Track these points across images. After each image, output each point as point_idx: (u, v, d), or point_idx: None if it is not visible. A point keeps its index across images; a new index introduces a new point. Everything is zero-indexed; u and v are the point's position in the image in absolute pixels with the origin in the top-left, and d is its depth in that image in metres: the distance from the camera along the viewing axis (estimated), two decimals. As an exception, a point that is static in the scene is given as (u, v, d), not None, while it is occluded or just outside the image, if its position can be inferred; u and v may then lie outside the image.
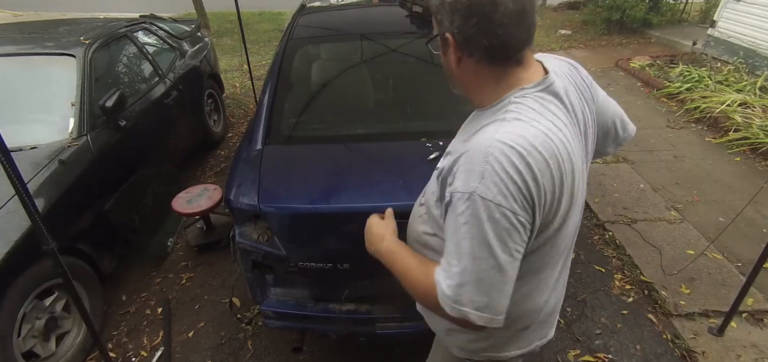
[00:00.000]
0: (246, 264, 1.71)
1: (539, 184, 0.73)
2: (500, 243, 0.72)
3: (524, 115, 0.77)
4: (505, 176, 0.71)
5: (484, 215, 0.71)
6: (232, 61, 6.79)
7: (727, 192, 3.33)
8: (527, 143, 0.72)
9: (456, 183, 0.76)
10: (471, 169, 0.73)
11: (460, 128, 0.98)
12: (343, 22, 2.59)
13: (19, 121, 2.45)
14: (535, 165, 0.72)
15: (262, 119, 1.92)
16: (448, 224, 0.77)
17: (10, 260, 1.83)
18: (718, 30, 5.80)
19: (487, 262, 0.72)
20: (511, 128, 0.74)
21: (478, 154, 0.73)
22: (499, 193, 0.71)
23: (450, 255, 0.76)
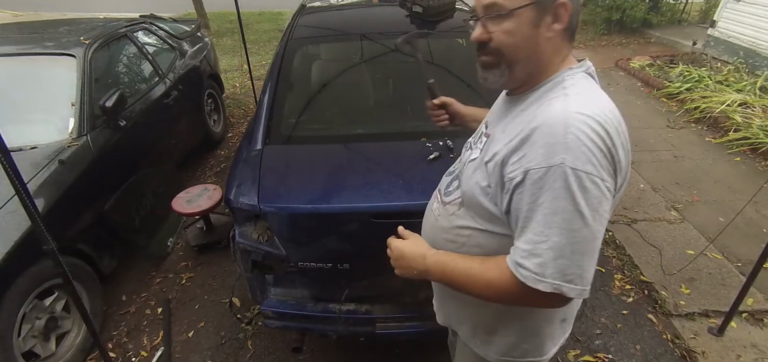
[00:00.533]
0: (246, 264, 1.71)
1: (618, 150, 0.74)
2: (592, 211, 0.72)
3: (584, 90, 0.79)
4: (591, 144, 0.71)
5: (575, 185, 0.70)
6: (232, 61, 6.79)
7: (727, 192, 3.33)
8: (602, 112, 0.73)
9: (531, 159, 0.74)
10: (552, 142, 0.72)
11: (490, 115, 0.99)
12: (343, 22, 2.59)
13: (19, 121, 2.45)
14: (613, 132, 0.73)
15: (262, 119, 1.92)
16: (524, 203, 0.75)
17: (10, 260, 1.83)
18: (718, 30, 5.80)
19: (581, 233, 0.72)
20: (582, 100, 0.75)
21: (557, 126, 0.72)
22: (588, 162, 0.70)
23: (533, 232, 0.74)
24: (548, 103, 0.78)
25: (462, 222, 0.94)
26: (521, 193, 0.75)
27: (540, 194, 0.72)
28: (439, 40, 2.54)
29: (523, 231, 0.77)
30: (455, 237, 0.96)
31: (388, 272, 1.03)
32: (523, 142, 0.76)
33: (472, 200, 0.89)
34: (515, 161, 0.77)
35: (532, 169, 0.73)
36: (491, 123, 0.95)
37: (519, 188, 0.75)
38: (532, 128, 0.76)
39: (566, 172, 0.70)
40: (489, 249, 0.89)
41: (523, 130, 0.77)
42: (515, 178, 0.76)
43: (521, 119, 0.81)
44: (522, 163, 0.75)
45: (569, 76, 0.81)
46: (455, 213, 0.96)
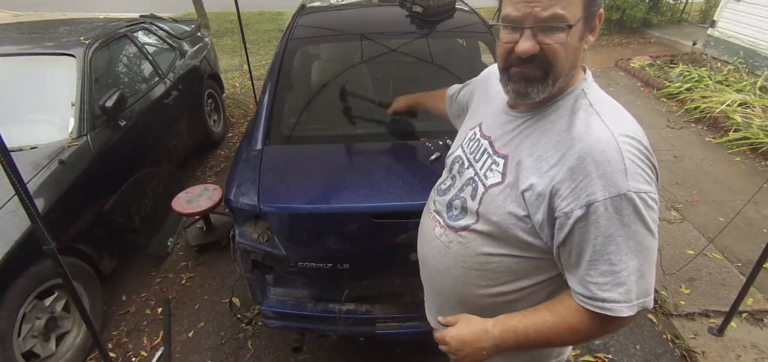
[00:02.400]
0: (246, 264, 1.71)
1: (656, 164, 0.77)
2: (655, 224, 0.75)
3: (607, 105, 0.81)
4: (644, 164, 0.73)
5: (641, 207, 0.72)
6: (232, 61, 6.79)
7: (727, 192, 3.33)
8: (638, 129, 0.77)
9: (591, 192, 0.73)
10: (612, 170, 0.72)
11: (490, 127, 0.94)
12: (343, 22, 2.59)
13: (19, 121, 2.45)
14: (650, 149, 0.76)
15: (262, 119, 1.92)
16: (590, 236, 0.74)
17: (10, 260, 1.83)
18: (718, 30, 5.80)
19: (652, 248, 0.75)
20: (616, 119, 0.77)
21: (612, 153, 0.72)
22: (646, 182, 0.73)
23: (609, 263, 0.74)
24: (584, 123, 0.77)
25: (489, 250, 0.88)
26: (585, 227, 0.74)
27: (610, 225, 0.72)
28: (439, 40, 2.54)
29: (593, 264, 0.75)
30: (481, 266, 0.90)
31: (388, 272, 1.03)
32: (573, 172, 0.74)
33: (505, 231, 0.84)
34: (568, 194, 0.75)
35: (596, 201, 0.72)
36: (499, 139, 0.89)
37: (581, 222, 0.74)
38: (578, 155, 0.74)
39: (633, 199, 0.71)
40: (522, 273, 0.88)
41: (565, 156, 0.76)
42: (574, 212, 0.74)
43: (553, 140, 0.79)
44: (579, 196, 0.74)
45: (586, 86, 0.83)
46: (476, 240, 0.89)
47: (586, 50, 0.81)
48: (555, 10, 0.73)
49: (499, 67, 0.86)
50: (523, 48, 0.76)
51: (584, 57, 0.83)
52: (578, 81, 0.83)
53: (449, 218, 0.94)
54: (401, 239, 1.58)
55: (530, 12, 0.74)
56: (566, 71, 0.79)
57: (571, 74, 0.81)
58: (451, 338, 0.91)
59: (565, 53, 0.76)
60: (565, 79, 0.80)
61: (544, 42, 0.75)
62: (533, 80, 0.79)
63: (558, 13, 0.73)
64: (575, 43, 0.77)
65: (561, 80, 0.79)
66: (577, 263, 0.78)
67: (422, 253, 1.07)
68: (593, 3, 0.76)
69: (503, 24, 0.79)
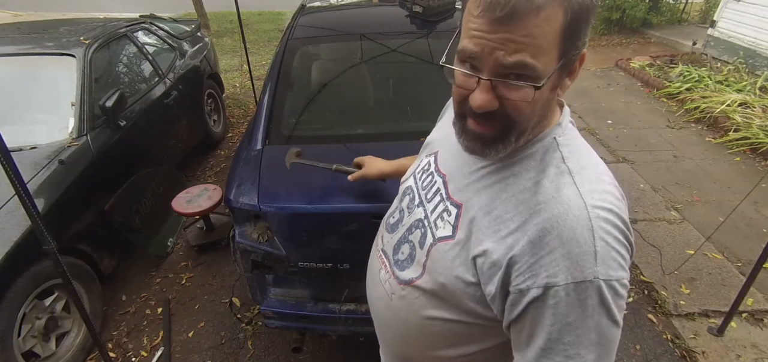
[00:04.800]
0: (246, 264, 1.71)
1: (632, 235, 0.65)
2: (621, 313, 0.64)
3: (582, 159, 0.67)
4: (619, 245, 0.62)
5: (609, 296, 0.60)
6: (232, 61, 6.79)
7: (727, 192, 3.33)
8: (616, 199, 0.64)
9: (552, 273, 0.61)
10: (578, 252, 0.60)
11: (445, 162, 0.81)
12: (343, 22, 2.59)
13: (19, 121, 2.45)
14: (627, 218, 0.64)
15: (262, 119, 1.92)
16: (546, 321, 0.62)
17: (10, 260, 1.83)
18: (718, 30, 5.80)
19: (614, 338, 0.63)
20: (590, 184, 0.64)
21: (580, 231, 0.60)
22: (619, 267, 0.61)
23: (563, 354, 0.62)
24: (553, 186, 0.64)
25: (432, 313, 0.77)
26: (541, 310, 0.62)
27: (570, 313, 0.61)
28: (436, 41, 2.53)
29: (547, 353, 0.63)
30: (423, 328, 0.80)
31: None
32: (534, 246, 0.62)
33: (452, 296, 0.73)
34: (526, 269, 0.63)
35: (556, 285, 0.60)
36: (453, 181, 0.77)
37: (537, 303, 0.62)
38: (542, 228, 0.62)
39: (600, 287, 0.60)
40: (469, 338, 0.77)
41: (527, 222, 0.64)
42: (530, 292, 0.62)
43: (514, 199, 0.67)
44: (538, 274, 0.62)
45: (559, 133, 0.69)
46: (420, 299, 0.78)
47: (561, 96, 0.69)
48: (522, 57, 0.57)
49: (454, 111, 0.70)
50: (478, 102, 0.61)
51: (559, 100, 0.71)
52: (551, 126, 0.69)
53: (395, 264, 0.84)
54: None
55: (491, 53, 0.58)
56: (534, 125, 0.67)
57: (542, 125, 0.70)
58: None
59: (531, 109, 0.63)
60: (532, 132, 0.68)
61: (505, 96, 0.61)
62: (490, 141, 0.66)
63: (526, 62, 0.57)
64: (547, 95, 0.63)
65: (527, 135, 0.67)
66: (528, 346, 0.65)
67: (368, 292, 0.98)
68: (573, 46, 0.60)
69: (459, 59, 0.63)
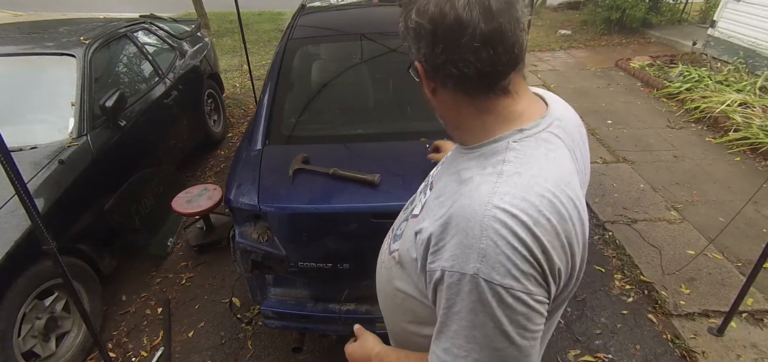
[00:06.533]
0: (246, 264, 1.71)
1: (551, 259, 0.60)
2: (519, 329, 0.60)
3: (526, 167, 0.64)
4: (512, 252, 0.58)
5: (493, 302, 0.59)
6: (232, 61, 6.80)
7: (727, 192, 3.33)
8: (532, 208, 0.59)
9: (445, 258, 0.62)
10: (465, 244, 0.60)
11: (439, 169, 0.85)
12: (343, 23, 2.59)
13: (19, 121, 2.45)
14: (544, 237, 0.59)
15: (262, 119, 1.93)
16: (441, 305, 0.64)
17: (10, 260, 1.83)
18: (718, 30, 5.80)
19: (506, 352, 0.61)
20: (511, 188, 0.61)
21: (472, 224, 0.60)
22: (508, 274, 0.58)
23: (452, 342, 0.64)
24: (479, 181, 0.64)
25: (398, 284, 0.82)
26: (440, 291, 0.64)
27: (455, 301, 0.61)
28: None
29: (440, 334, 0.65)
30: (393, 297, 0.86)
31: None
32: (443, 230, 0.64)
33: (406, 266, 0.78)
34: (435, 251, 0.65)
35: (446, 270, 0.62)
36: (438, 174, 0.83)
37: (439, 286, 0.64)
38: (451, 213, 0.64)
39: (480, 285, 0.58)
40: (421, 317, 0.79)
41: (448, 210, 0.65)
42: (435, 273, 0.64)
43: (453, 188, 0.69)
44: (440, 258, 0.63)
45: (517, 139, 0.67)
46: (393, 269, 0.84)
47: (434, 99, 0.72)
48: None
49: None
50: None
51: (470, 107, 0.70)
52: (510, 131, 0.68)
53: (393, 239, 0.90)
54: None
55: None
56: (443, 117, 0.75)
57: (463, 125, 0.72)
58: (348, 352, 0.96)
59: (425, 94, 0.73)
60: (452, 128, 0.75)
61: None
62: None
63: None
64: (423, 88, 0.73)
65: (450, 129, 0.75)
66: (436, 324, 0.68)
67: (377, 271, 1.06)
68: (409, 53, 0.70)
69: None
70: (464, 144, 0.73)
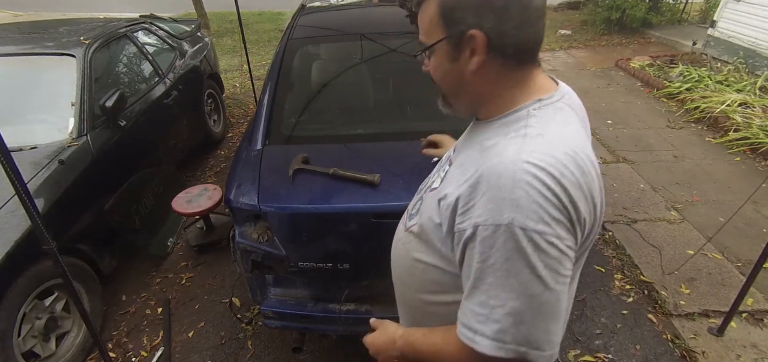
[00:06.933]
0: (246, 264, 1.71)
1: (578, 205, 0.66)
2: (552, 273, 0.65)
3: (547, 129, 0.70)
4: (544, 200, 0.63)
5: (528, 247, 0.63)
6: (232, 61, 6.80)
7: (727, 192, 3.33)
8: (559, 163, 0.65)
9: (479, 214, 0.66)
10: (499, 197, 0.64)
11: (458, 145, 0.90)
12: (343, 22, 2.59)
13: (19, 121, 2.45)
14: (570, 185, 0.65)
15: (262, 119, 1.93)
16: (475, 261, 0.68)
17: (10, 260, 1.83)
18: (718, 30, 5.80)
19: (542, 297, 0.65)
20: (537, 146, 0.67)
21: (504, 179, 0.65)
22: (541, 221, 0.63)
23: (487, 295, 0.67)
24: (505, 144, 0.70)
25: (418, 255, 0.87)
26: (472, 250, 0.68)
27: (490, 254, 0.65)
28: None
29: (474, 290, 0.69)
30: (411, 269, 0.89)
31: (388, 272, 1.03)
32: (472, 190, 0.69)
33: (427, 235, 0.83)
34: (464, 211, 0.69)
35: (480, 225, 0.66)
36: (458, 149, 0.88)
37: (470, 243, 0.68)
38: (480, 173, 0.68)
39: (516, 233, 0.63)
40: (442, 286, 0.84)
41: (476, 172, 0.70)
42: (466, 231, 0.69)
43: (477, 156, 0.74)
44: (471, 216, 0.68)
45: (536, 108, 0.73)
46: (412, 242, 0.89)
47: (480, 72, 0.73)
48: (420, 38, 0.79)
49: None
50: (423, 69, 0.83)
51: (509, 76, 0.74)
52: (529, 100, 0.74)
53: (408, 216, 0.96)
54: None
55: None
56: (452, 93, 0.80)
57: (478, 96, 0.77)
58: (368, 343, 0.98)
59: (437, 75, 0.79)
60: (460, 100, 0.80)
61: (427, 64, 0.81)
62: (441, 98, 0.85)
63: (421, 40, 0.79)
64: (445, 65, 0.76)
65: (455, 101, 0.81)
66: (464, 286, 0.72)
67: (392, 251, 1.09)
68: (453, 26, 0.71)
69: None
70: (487, 118, 0.79)
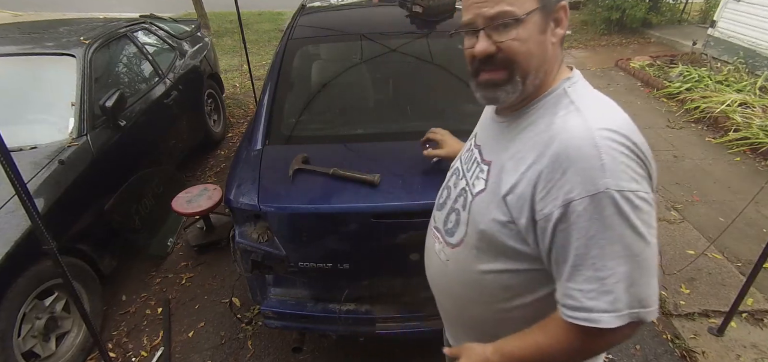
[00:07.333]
0: (246, 264, 1.71)
1: (650, 163, 0.70)
2: (649, 228, 0.67)
3: (591, 101, 0.74)
4: (629, 159, 0.66)
5: (627, 207, 0.65)
6: (232, 61, 6.79)
7: (727, 192, 3.33)
8: (625, 124, 0.70)
9: (568, 191, 0.67)
10: (586, 167, 0.65)
11: (481, 137, 0.91)
12: (343, 22, 2.59)
13: (19, 121, 2.45)
14: (638, 140, 0.69)
15: (262, 119, 1.92)
16: (573, 239, 0.68)
17: (10, 260, 1.83)
18: (718, 30, 5.80)
19: (644, 253, 0.67)
20: (597, 114, 0.71)
21: (585, 149, 0.66)
22: (632, 180, 0.66)
23: (594, 268, 0.67)
24: (562, 120, 0.72)
25: (483, 266, 0.84)
26: (566, 230, 0.68)
27: (591, 226, 0.66)
28: (439, 40, 2.53)
29: (577, 269, 0.69)
30: (476, 284, 0.86)
31: (388, 272, 1.03)
32: (550, 172, 0.69)
33: (492, 240, 0.80)
34: (545, 195, 0.69)
35: (573, 200, 0.66)
36: (486, 147, 0.87)
37: (561, 224, 0.68)
38: (554, 153, 0.69)
39: (614, 197, 0.64)
40: (518, 288, 0.82)
41: (543, 154, 0.70)
42: (553, 213, 0.69)
43: (531, 141, 0.75)
44: (557, 196, 0.68)
45: (569, 85, 0.77)
46: (470, 256, 0.85)
47: (556, 44, 0.76)
48: (501, 7, 0.71)
49: (468, 74, 0.83)
50: (479, 49, 0.75)
51: (560, 54, 0.79)
52: (560, 80, 0.78)
53: (446, 233, 0.92)
54: (401, 239, 1.58)
55: (479, 12, 0.73)
56: (535, 66, 0.75)
57: (546, 71, 0.77)
58: (462, 356, 0.89)
59: (525, 48, 0.73)
60: (537, 75, 0.76)
61: (499, 41, 0.74)
62: (499, 84, 0.77)
63: (505, 10, 0.71)
64: (535, 37, 0.73)
65: (532, 77, 0.76)
66: (561, 270, 0.71)
67: (427, 271, 1.04)
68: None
69: (462, 31, 0.80)
70: (530, 97, 0.79)
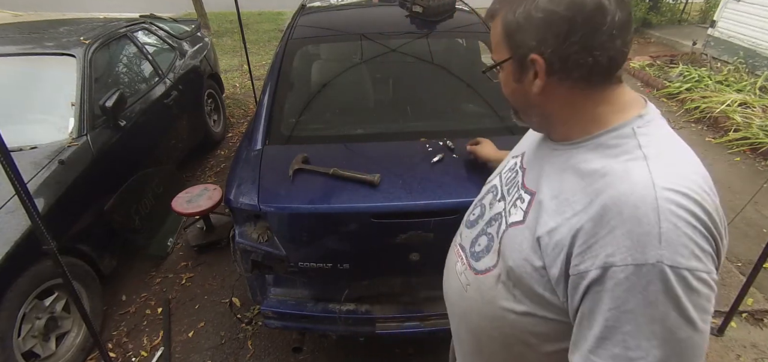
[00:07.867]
0: (246, 264, 1.71)
1: (720, 233, 0.60)
2: (702, 313, 0.57)
3: (665, 148, 0.64)
4: (693, 232, 0.56)
5: (679, 288, 0.55)
6: (232, 61, 6.79)
7: (727, 192, 3.33)
8: (696, 186, 0.59)
9: (611, 252, 0.58)
10: (639, 232, 0.56)
11: (527, 152, 0.84)
12: (343, 22, 2.59)
13: (19, 121, 2.45)
14: (713, 213, 0.59)
15: (262, 119, 1.92)
16: (604, 306, 0.59)
17: (10, 260, 1.83)
18: (718, 30, 5.80)
19: (690, 341, 0.57)
20: (668, 168, 0.60)
21: (643, 209, 0.57)
22: (693, 256, 0.56)
23: (623, 345, 0.58)
24: (623, 167, 0.62)
25: (507, 304, 0.75)
26: (599, 293, 0.59)
27: (629, 298, 0.57)
28: (439, 40, 2.53)
29: (605, 341, 0.59)
30: (497, 320, 0.78)
31: (388, 272, 1.03)
32: (595, 224, 0.60)
33: (520, 280, 0.72)
34: (585, 249, 0.60)
35: (614, 265, 0.57)
36: (531, 171, 0.79)
37: (595, 286, 0.59)
38: (604, 204, 0.60)
39: (665, 272, 0.55)
40: (544, 337, 0.74)
41: (592, 204, 0.61)
42: (589, 273, 0.60)
43: (582, 181, 0.65)
44: (597, 254, 0.59)
45: (641, 124, 0.65)
46: (495, 290, 0.77)
47: (542, 94, 0.69)
48: (492, 54, 0.77)
49: None
50: None
51: (580, 97, 0.69)
52: (629, 118, 0.66)
53: (471, 255, 0.85)
54: (401, 239, 1.58)
55: None
56: (522, 108, 0.76)
57: (560, 116, 0.71)
58: None
59: (507, 91, 0.76)
60: (537, 117, 0.75)
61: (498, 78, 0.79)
62: (513, 112, 0.81)
63: (492, 57, 0.77)
64: (512, 84, 0.74)
65: (529, 118, 0.77)
66: (585, 337, 0.62)
67: (445, 288, 0.98)
68: (517, 48, 0.69)
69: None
70: (567, 139, 0.71)
